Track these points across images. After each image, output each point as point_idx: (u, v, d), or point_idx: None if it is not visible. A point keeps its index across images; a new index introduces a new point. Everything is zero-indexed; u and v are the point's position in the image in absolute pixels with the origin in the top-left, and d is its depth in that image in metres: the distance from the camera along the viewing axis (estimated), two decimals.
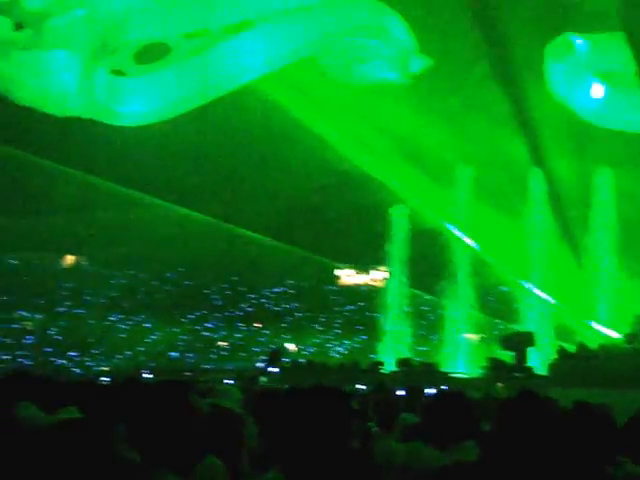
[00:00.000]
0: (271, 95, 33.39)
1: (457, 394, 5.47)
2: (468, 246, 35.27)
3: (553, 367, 25.66)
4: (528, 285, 34.45)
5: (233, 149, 34.42)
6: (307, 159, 34.33)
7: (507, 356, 28.54)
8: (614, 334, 31.11)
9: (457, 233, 35.19)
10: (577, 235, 34.59)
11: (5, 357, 36.45)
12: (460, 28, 33.92)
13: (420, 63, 34.76)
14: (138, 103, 32.22)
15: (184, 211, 36.63)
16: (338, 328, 40.62)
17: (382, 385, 10.06)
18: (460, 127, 34.92)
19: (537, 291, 34.15)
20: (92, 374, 32.56)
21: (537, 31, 33.12)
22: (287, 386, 8.87)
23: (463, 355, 33.64)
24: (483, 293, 35.09)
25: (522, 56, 33.78)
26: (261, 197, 35.94)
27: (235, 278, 40.93)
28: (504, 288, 36.32)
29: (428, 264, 34.99)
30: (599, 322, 33.44)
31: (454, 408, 5.23)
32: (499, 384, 23.20)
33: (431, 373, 28.47)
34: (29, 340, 38.52)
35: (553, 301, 34.45)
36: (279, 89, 33.55)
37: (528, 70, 33.73)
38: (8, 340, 38.06)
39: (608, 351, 25.68)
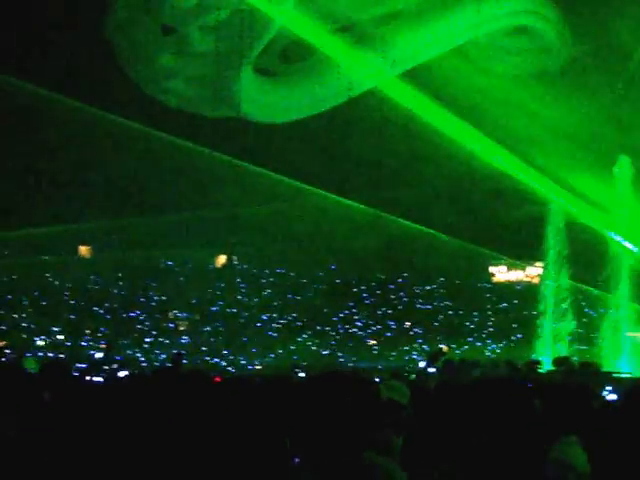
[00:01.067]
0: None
1: None
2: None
3: None
4: None
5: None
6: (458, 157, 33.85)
7: None
8: None
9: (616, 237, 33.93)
10: None
11: (162, 357, 37.23)
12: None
13: (573, 52, 33.74)
14: (282, 101, 32.39)
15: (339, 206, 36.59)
16: (492, 326, 39.87)
17: None
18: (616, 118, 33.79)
19: None
20: (247, 373, 32.89)
21: None
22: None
23: (627, 354, 32.47)
24: None
25: None
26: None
27: (382, 276, 40.80)
28: None
29: (587, 258, 33.93)
30: None
31: None
32: None
33: (591, 373, 27.40)
34: (184, 340, 39.27)
35: None
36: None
37: None
38: (164, 340, 38.92)
39: None
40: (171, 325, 39.93)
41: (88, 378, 12.94)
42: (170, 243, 38.65)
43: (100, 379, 13.90)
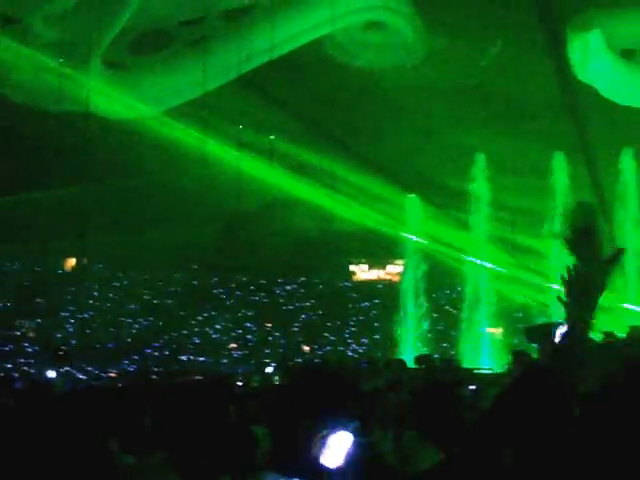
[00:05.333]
0: None
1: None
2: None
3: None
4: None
5: None
6: None
7: (533, 349, 28.17)
8: None
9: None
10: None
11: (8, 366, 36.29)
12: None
13: (429, 45, 34.59)
14: (136, 95, 32.02)
15: None
16: (354, 326, 40.36)
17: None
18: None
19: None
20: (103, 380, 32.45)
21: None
22: None
23: (486, 350, 33.42)
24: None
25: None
26: None
27: (243, 278, 40.86)
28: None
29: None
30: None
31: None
32: None
33: (453, 370, 28.04)
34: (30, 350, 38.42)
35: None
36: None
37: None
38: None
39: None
40: (17, 333, 38.97)
41: None
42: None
43: None
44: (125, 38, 32.01)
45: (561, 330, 3.53)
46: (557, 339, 3.50)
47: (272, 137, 35.86)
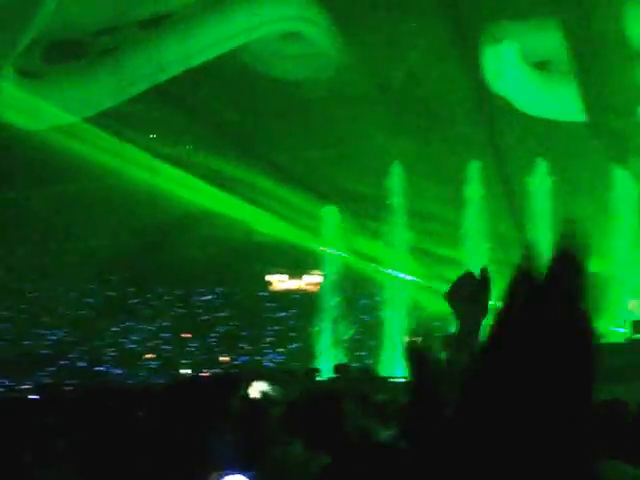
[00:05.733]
0: None
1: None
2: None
3: None
4: None
5: None
6: None
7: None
8: None
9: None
10: None
11: None
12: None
13: (343, 57, 34.92)
14: (51, 104, 31.69)
15: None
16: (271, 336, 40.41)
17: None
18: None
19: None
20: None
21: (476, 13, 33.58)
22: None
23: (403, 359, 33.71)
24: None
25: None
26: None
27: (160, 288, 40.61)
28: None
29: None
30: None
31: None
32: None
33: (369, 379, 28.35)
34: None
35: None
36: None
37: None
38: None
39: None
40: None
41: None
42: None
43: None
44: (39, 47, 31.65)
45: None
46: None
47: (189, 147, 35.79)
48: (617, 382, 17.59)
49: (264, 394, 11.40)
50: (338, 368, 29.84)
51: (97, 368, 38.58)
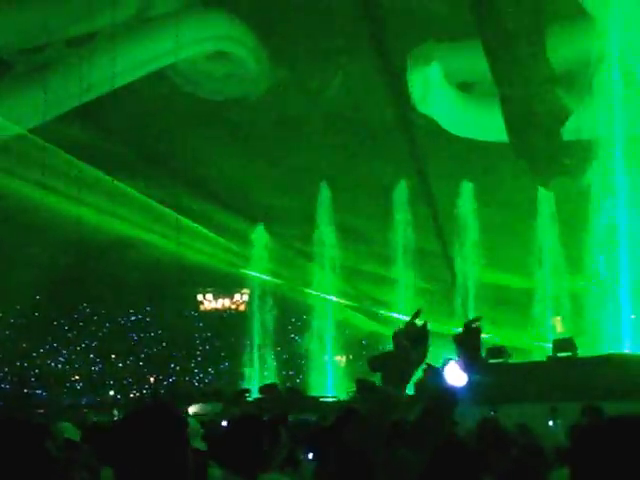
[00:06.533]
0: None
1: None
2: None
3: (420, 385, 25.89)
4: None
5: None
6: None
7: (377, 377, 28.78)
8: None
9: None
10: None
11: None
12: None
13: (272, 75, 35.30)
14: None
15: None
16: (200, 356, 40.53)
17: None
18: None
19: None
20: None
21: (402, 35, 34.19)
22: None
23: (331, 378, 33.95)
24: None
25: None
26: None
27: (87, 309, 40.46)
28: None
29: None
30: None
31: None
32: None
33: (298, 398, 28.53)
34: None
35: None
36: None
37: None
38: None
39: None
40: None
41: None
42: None
43: None
44: None
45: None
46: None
47: (112, 180, 35.44)
48: (541, 401, 18.18)
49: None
50: (264, 389, 29.74)
51: (23, 390, 38.31)
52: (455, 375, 3.41)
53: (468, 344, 3.53)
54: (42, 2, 31.63)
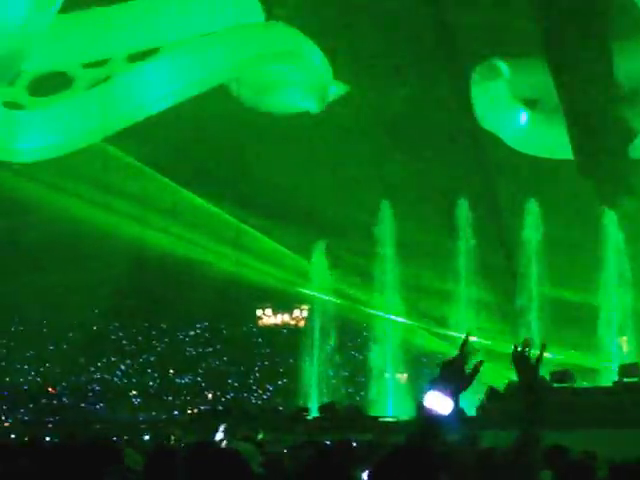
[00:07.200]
0: None
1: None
2: None
3: (481, 408, 25.62)
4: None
5: None
6: None
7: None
8: None
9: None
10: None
11: None
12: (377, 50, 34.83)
13: (336, 90, 35.25)
14: (36, 138, 31.90)
15: None
16: (258, 372, 40.55)
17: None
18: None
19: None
20: None
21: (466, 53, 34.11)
22: None
23: (392, 397, 33.77)
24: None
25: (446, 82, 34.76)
26: None
27: (145, 323, 40.68)
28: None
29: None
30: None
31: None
32: None
33: (357, 418, 28.41)
34: None
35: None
36: None
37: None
38: None
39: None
40: None
41: None
42: None
43: None
44: (24, 78, 31.94)
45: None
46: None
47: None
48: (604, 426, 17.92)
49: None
50: (323, 408, 29.72)
51: (80, 405, 38.61)
52: (437, 403, 3.37)
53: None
54: (105, 16, 32.01)
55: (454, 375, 3.55)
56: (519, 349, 3.82)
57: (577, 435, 16.07)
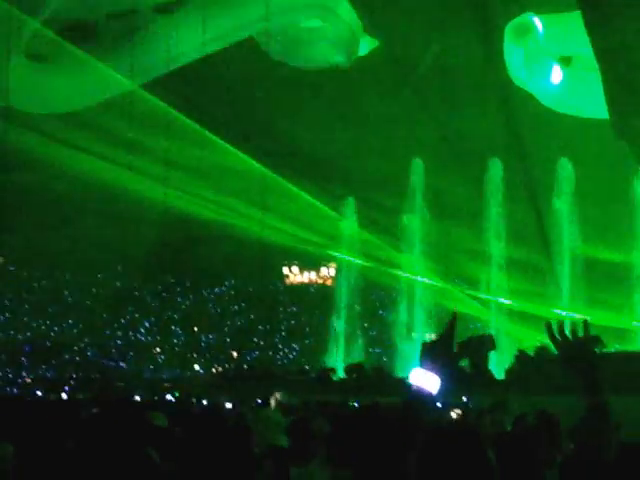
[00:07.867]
0: None
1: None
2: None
3: (511, 372, 25.57)
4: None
5: None
6: None
7: (464, 361, 28.41)
8: None
9: None
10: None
11: None
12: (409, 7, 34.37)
13: (366, 45, 34.90)
14: (68, 88, 31.85)
15: None
16: (284, 330, 40.51)
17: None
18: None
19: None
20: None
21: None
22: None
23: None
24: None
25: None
26: None
27: (171, 279, 40.65)
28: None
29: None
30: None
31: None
32: None
33: (384, 379, 28.27)
34: None
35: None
36: None
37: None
38: None
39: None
40: None
41: None
42: None
43: None
44: (49, 30, 31.76)
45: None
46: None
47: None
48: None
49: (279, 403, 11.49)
50: (350, 369, 29.55)
51: (102, 361, 38.71)
52: (424, 380, 3.34)
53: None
54: None
55: (440, 350, 3.46)
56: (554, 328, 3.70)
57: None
